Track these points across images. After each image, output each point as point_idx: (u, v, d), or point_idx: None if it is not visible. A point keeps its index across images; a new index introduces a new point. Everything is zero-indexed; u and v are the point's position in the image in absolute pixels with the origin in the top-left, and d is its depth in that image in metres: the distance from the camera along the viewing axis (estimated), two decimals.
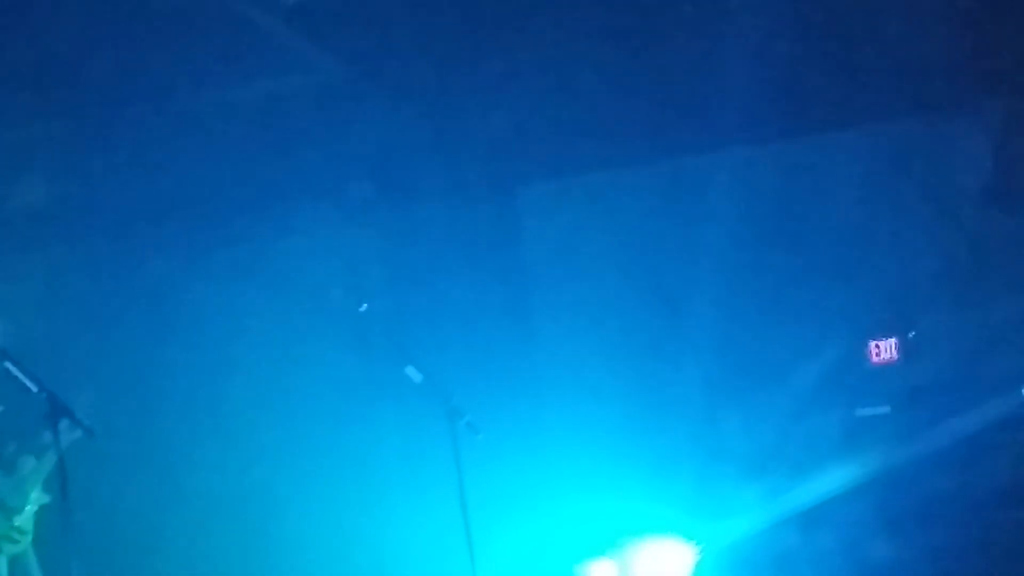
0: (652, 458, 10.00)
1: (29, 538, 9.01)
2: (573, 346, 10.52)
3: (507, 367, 10.30)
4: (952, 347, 9.92)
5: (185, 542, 10.54)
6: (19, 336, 8.70)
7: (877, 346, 10.09)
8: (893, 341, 10.05)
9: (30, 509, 8.97)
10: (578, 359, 10.48)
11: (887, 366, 10.03)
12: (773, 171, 10.26)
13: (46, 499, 8.83)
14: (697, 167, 10.39)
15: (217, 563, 10.51)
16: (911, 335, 9.83)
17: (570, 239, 10.68)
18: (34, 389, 6.90)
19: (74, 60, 8.94)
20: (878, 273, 10.06)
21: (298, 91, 9.77)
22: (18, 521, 8.93)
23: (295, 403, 10.60)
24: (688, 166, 10.44)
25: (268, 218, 10.78)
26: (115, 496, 10.08)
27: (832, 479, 9.51)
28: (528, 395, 10.29)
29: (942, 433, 9.54)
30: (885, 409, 9.90)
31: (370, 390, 10.29)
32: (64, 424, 6.90)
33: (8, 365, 6.99)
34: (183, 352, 10.72)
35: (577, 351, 10.50)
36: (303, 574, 10.31)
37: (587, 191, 10.64)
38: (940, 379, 9.84)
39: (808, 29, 9.29)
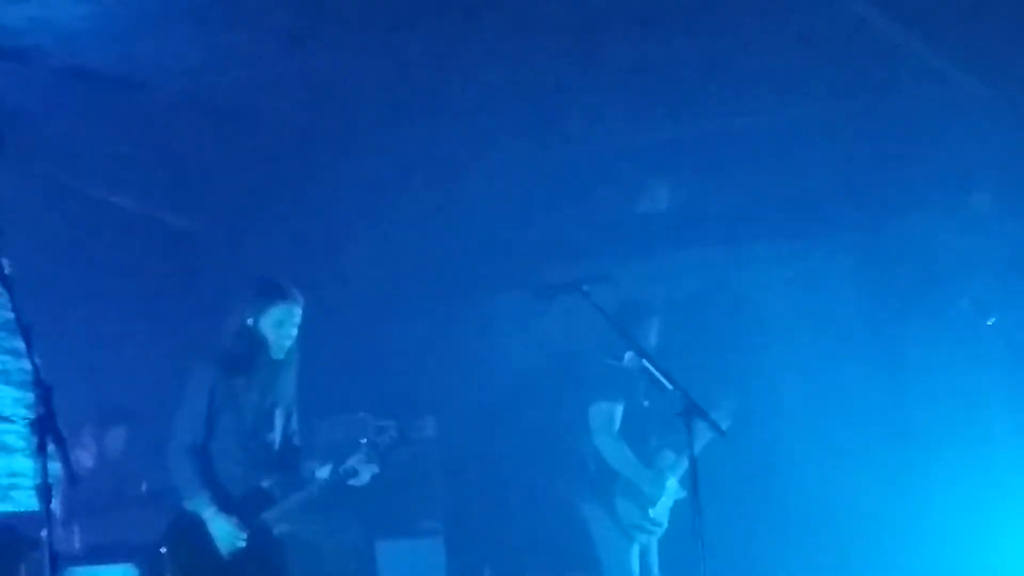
0: None
1: (662, 530, 9.33)
2: None
3: None
4: None
5: (800, 551, 10.61)
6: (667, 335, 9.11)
7: None
8: None
9: (666, 502, 9.29)
10: None
11: None
12: None
13: (682, 494, 9.10)
14: None
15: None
16: None
17: None
18: (668, 387, 7.17)
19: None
20: None
21: (920, 100, 9.73)
22: (652, 512, 9.26)
23: (913, 412, 10.53)
24: None
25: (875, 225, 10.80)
26: (740, 498, 10.24)
27: None
28: None
29: None
30: None
31: (989, 404, 10.13)
32: (698, 424, 7.11)
33: (645, 363, 7.31)
34: (795, 360, 10.83)
35: None
36: None
37: None
38: None
39: None
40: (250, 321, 7.49)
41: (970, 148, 9.94)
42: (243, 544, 7.41)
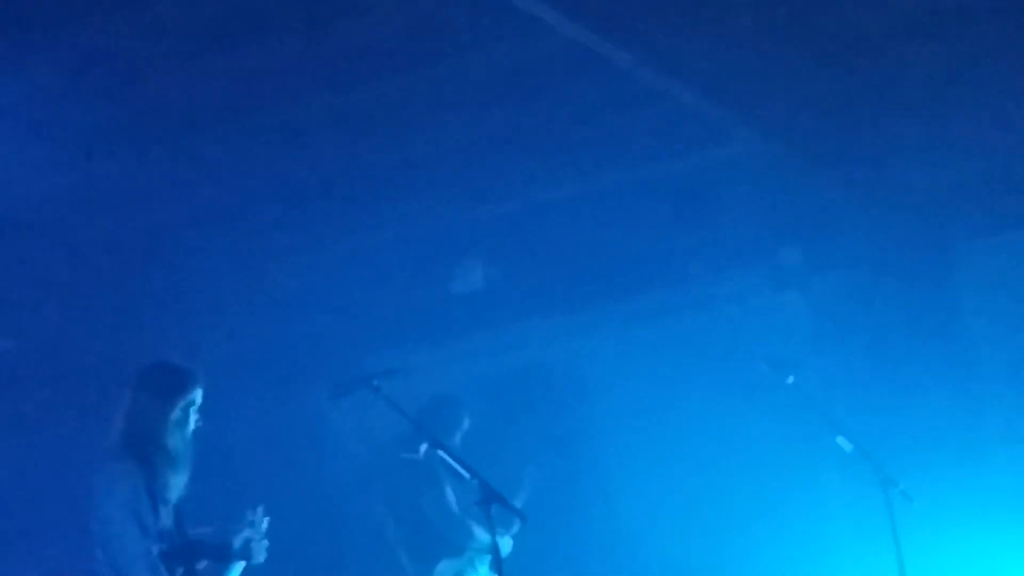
0: None
1: None
2: (1016, 411, 10.15)
3: (942, 434, 10.04)
4: None
5: None
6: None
7: None
8: None
9: None
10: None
11: None
12: None
13: None
14: None
15: None
16: None
17: (1014, 298, 10.34)
18: (466, 476, 7.16)
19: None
20: None
21: (722, 163, 9.84)
22: None
23: (727, 473, 10.62)
24: None
25: (692, 288, 10.91)
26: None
27: None
28: (964, 463, 9.94)
29: None
30: None
31: (801, 460, 10.24)
32: (495, 509, 7.10)
33: (441, 454, 7.30)
34: (617, 427, 10.92)
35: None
36: None
37: None
38: None
39: None
40: (178, 411, 7.18)
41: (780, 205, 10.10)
42: None
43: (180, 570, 7.20)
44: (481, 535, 9.31)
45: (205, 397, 7.36)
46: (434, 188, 9.82)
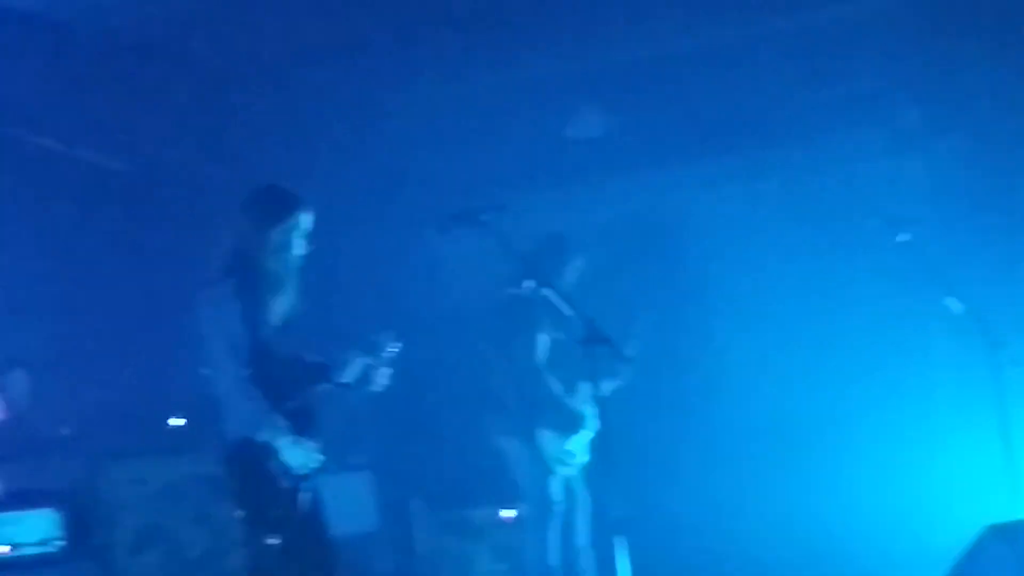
0: None
1: (583, 462, 9.27)
2: None
3: None
4: None
5: (718, 472, 10.70)
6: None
7: None
8: None
9: (585, 434, 9.23)
10: None
11: None
12: None
13: (598, 427, 9.04)
14: None
15: (749, 496, 10.60)
16: None
17: None
18: (569, 314, 7.12)
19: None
20: None
21: (843, 19, 9.68)
22: (570, 445, 9.20)
23: (832, 333, 10.58)
24: None
25: (811, 146, 10.79)
26: (652, 425, 10.32)
27: None
28: None
29: None
30: None
31: (909, 321, 10.17)
32: (600, 350, 7.06)
33: (545, 291, 7.26)
34: (722, 284, 10.90)
35: None
36: (844, 506, 10.28)
37: None
38: None
39: None
40: (281, 234, 7.06)
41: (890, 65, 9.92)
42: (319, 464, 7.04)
43: (290, 392, 7.12)
44: (559, 393, 9.21)
45: (316, 224, 7.28)
46: (560, 31, 9.73)
